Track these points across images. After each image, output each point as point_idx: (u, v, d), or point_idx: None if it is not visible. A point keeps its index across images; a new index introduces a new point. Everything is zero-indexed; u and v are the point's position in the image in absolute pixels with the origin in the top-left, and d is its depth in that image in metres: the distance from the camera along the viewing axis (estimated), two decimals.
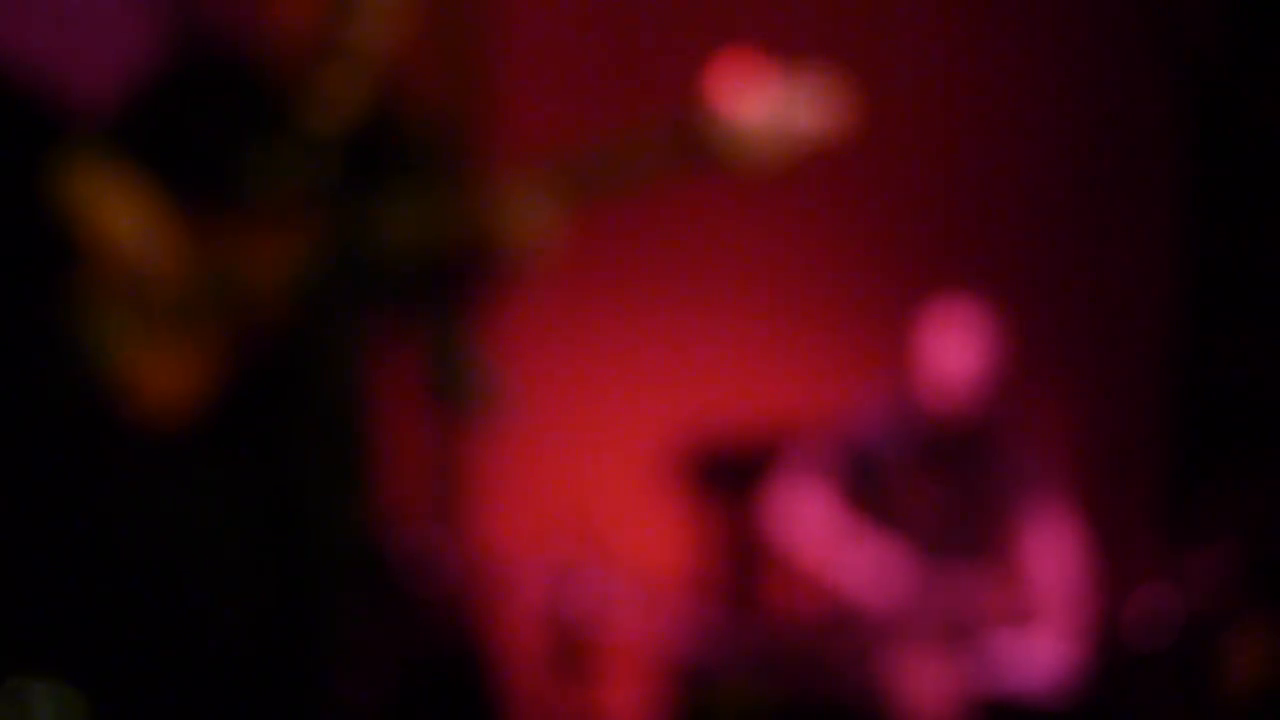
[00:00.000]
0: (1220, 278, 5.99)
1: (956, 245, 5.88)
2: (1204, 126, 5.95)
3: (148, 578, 3.56)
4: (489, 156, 5.09)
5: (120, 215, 3.49)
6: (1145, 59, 5.93)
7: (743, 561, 5.75)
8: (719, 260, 5.77)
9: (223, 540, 3.56)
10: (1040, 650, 5.13)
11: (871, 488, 5.23)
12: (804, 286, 5.85)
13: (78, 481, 3.64)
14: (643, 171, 3.53)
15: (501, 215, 3.50)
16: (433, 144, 3.69)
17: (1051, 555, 5.25)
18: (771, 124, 3.53)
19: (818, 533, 5.19)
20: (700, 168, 3.52)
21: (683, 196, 5.69)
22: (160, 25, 3.51)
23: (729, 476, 5.72)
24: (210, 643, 3.56)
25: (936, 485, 5.23)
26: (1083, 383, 6.01)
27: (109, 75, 3.62)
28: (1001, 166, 5.97)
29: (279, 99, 3.58)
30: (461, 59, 5.37)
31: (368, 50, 3.56)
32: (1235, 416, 5.94)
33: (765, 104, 3.51)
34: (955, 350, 5.20)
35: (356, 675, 3.75)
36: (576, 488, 5.56)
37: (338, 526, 3.64)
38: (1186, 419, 6.01)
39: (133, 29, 3.52)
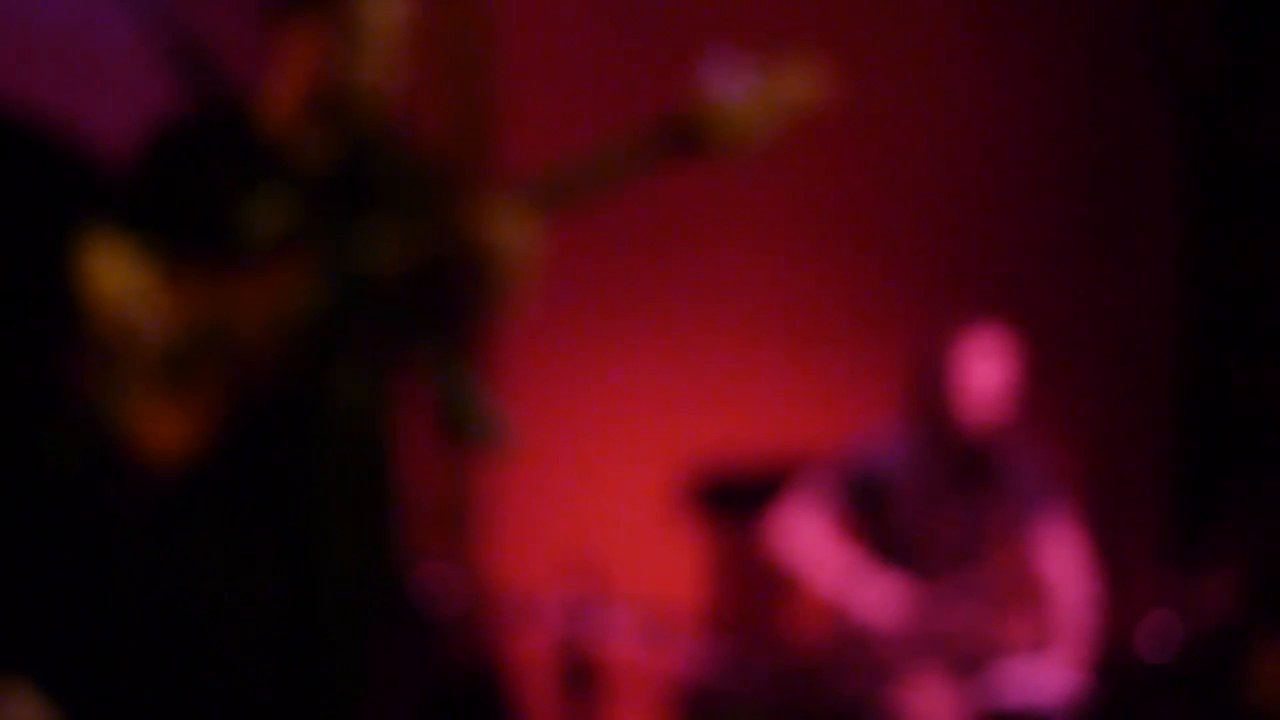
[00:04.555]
0: (1227, 304, 5.99)
1: (966, 272, 5.89)
2: (1206, 156, 5.97)
3: (168, 625, 3.57)
4: (494, 180, 5.11)
5: (108, 272, 3.51)
6: (1147, 89, 5.95)
7: (752, 589, 5.76)
8: (728, 288, 5.78)
9: (242, 582, 3.57)
10: (1050, 674, 5.14)
11: (882, 513, 5.24)
12: (813, 313, 5.86)
13: (92, 535, 3.65)
14: (632, 167, 3.54)
15: (487, 228, 3.50)
16: (418, 164, 3.70)
17: (1061, 580, 5.26)
18: (754, 97, 3.54)
19: (816, 556, 5.21)
20: (689, 154, 3.53)
21: (692, 223, 5.74)
22: (177, 74, 3.53)
23: (739, 504, 5.72)
24: (231, 686, 3.57)
25: (946, 510, 5.25)
26: (1090, 409, 6.02)
27: (128, 124, 3.64)
28: (1010, 195, 5.98)
29: (268, 144, 3.60)
30: (465, 85, 5.38)
31: (370, 96, 3.58)
32: (1243, 442, 5.94)
33: (746, 80, 3.54)
34: (967, 376, 5.22)
35: (374, 715, 3.75)
36: (586, 518, 5.57)
37: (358, 563, 3.64)
38: (1194, 445, 6.01)
39: (151, 77, 3.54)
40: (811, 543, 5.22)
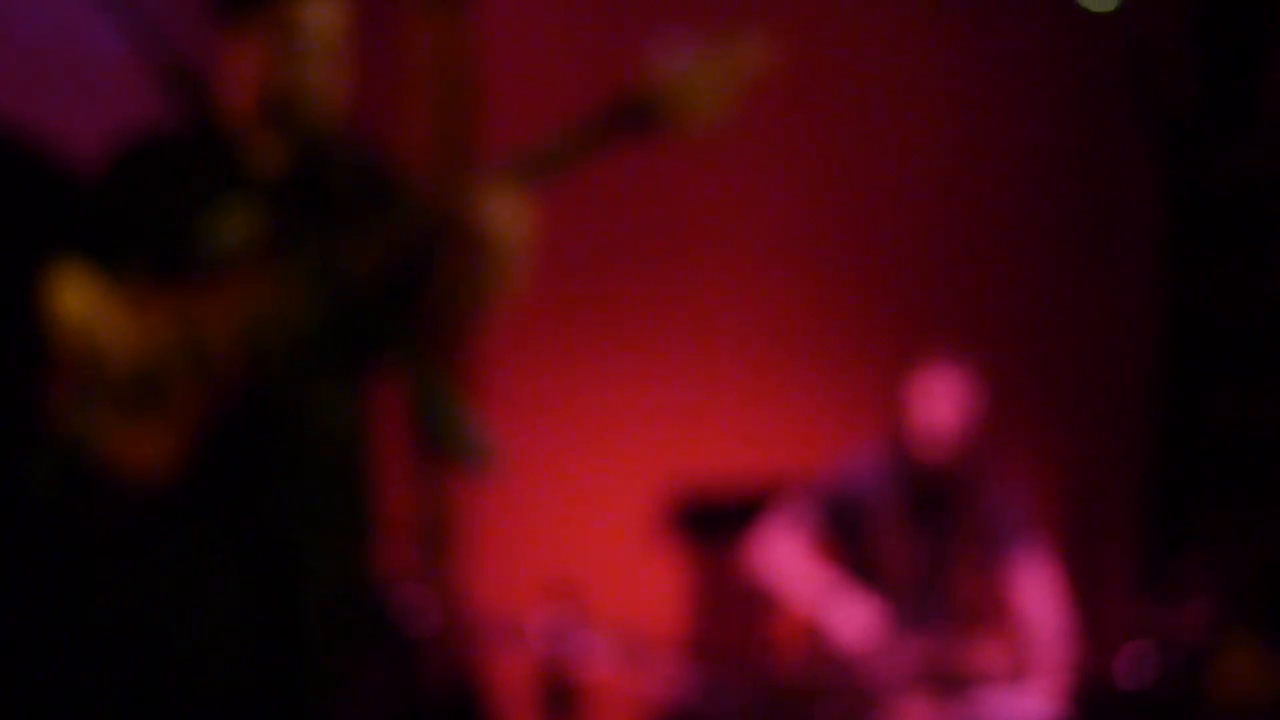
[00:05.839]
0: (1204, 333, 6.02)
1: (944, 298, 5.93)
2: (1185, 184, 6.00)
3: (145, 645, 3.56)
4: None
5: (72, 294, 3.51)
6: (1126, 117, 5.99)
7: (731, 611, 5.77)
8: (710, 311, 5.81)
9: (218, 601, 3.56)
10: (1026, 702, 5.15)
11: (857, 540, 5.26)
12: (795, 338, 5.88)
13: (68, 557, 3.64)
14: (587, 149, 3.54)
15: (478, 212, 3.49)
16: (376, 167, 3.70)
17: (1034, 612, 5.27)
18: (703, 67, 3.54)
19: (792, 574, 5.24)
20: (644, 130, 3.53)
21: (674, 247, 5.77)
22: (153, 83, 3.53)
23: (719, 527, 5.73)
24: (208, 706, 3.56)
25: (921, 538, 5.26)
26: (1067, 436, 6.04)
27: (103, 134, 3.64)
28: (989, 223, 6.02)
29: (228, 152, 3.61)
30: (449, 86, 5.39)
31: (317, 98, 3.58)
32: (1218, 470, 5.96)
33: (694, 50, 3.54)
34: (941, 403, 5.24)
35: None
36: (566, 540, 5.58)
37: (335, 582, 3.63)
38: (1170, 473, 6.03)
39: (129, 87, 3.55)
40: (788, 561, 5.25)
